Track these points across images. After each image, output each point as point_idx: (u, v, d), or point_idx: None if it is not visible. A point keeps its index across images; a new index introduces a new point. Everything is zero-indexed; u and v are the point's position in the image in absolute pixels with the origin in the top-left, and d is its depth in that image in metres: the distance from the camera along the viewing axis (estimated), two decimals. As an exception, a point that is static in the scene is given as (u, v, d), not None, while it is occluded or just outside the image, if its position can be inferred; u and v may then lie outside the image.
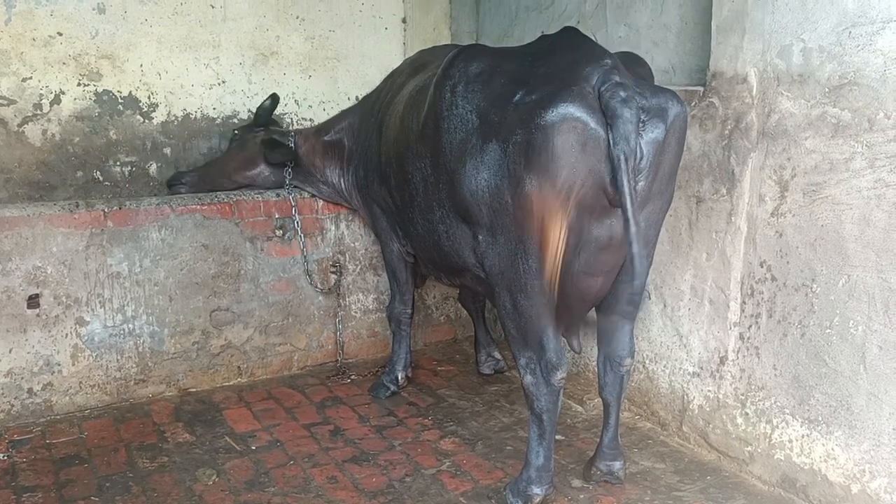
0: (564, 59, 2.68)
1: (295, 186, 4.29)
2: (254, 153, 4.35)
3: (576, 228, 2.64)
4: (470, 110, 2.81)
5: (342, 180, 4.21)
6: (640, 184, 2.63)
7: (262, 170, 4.36)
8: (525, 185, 2.59)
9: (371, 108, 3.99)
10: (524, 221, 2.65)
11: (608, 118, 2.50)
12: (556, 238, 2.63)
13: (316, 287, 4.33)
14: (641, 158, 2.59)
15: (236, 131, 4.51)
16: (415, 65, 3.85)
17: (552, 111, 2.51)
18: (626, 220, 2.51)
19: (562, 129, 2.50)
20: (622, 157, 2.48)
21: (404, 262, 3.95)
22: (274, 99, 4.42)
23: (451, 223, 3.06)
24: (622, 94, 2.50)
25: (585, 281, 2.79)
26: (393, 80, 3.90)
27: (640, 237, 2.52)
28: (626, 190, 2.48)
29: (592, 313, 3.11)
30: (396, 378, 4.08)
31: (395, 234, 3.86)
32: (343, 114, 4.32)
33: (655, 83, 3.02)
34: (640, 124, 2.56)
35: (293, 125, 4.91)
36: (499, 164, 2.69)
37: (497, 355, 4.34)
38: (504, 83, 2.75)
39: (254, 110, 4.79)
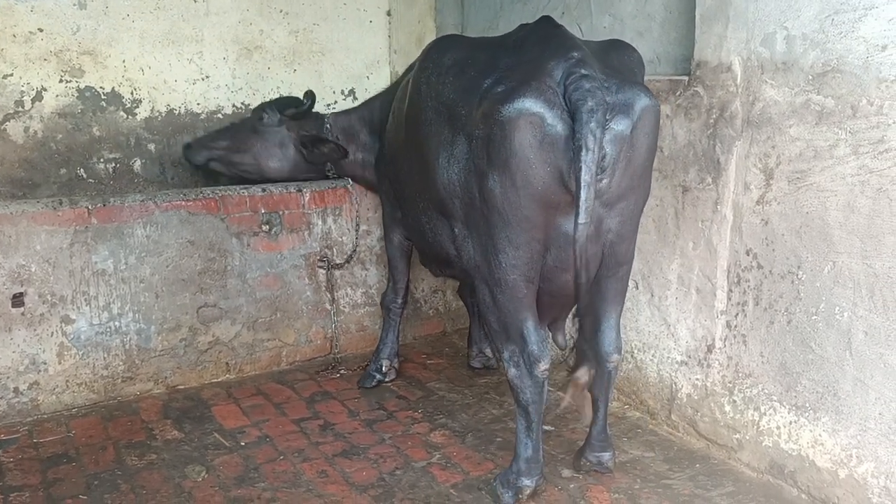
0: (533, 52, 2.65)
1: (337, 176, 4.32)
2: (286, 148, 4.27)
3: (541, 224, 2.62)
4: (442, 102, 2.81)
5: (374, 174, 4.19)
6: (604, 181, 2.59)
7: (296, 164, 4.30)
8: (488, 181, 2.58)
9: (390, 100, 3.97)
10: (490, 217, 2.63)
11: (571, 109, 2.47)
12: (522, 233, 2.60)
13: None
14: (605, 155, 2.54)
15: (263, 116, 4.28)
16: None
17: (509, 106, 2.48)
18: (577, 214, 2.44)
19: (519, 125, 2.48)
20: (582, 148, 2.42)
21: (401, 252, 3.97)
22: (312, 99, 4.27)
23: (432, 215, 3.07)
24: (585, 85, 2.46)
25: (561, 276, 2.76)
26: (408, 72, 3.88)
27: (585, 229, 2.45)
28: (583, 178, 2.42)
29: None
30: (381, 367, 4.08)
31: (396, 224, 3.88)
32: (370, 105, 4.26)
33: (644, 72, 3.02)
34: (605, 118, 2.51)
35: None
36: (466, 159, 2.69)
37: (488, 353, 4.34)
38: (473, 75, 2.73)
39: (238, 105, 4.77)
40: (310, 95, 4.25)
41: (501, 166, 2.53)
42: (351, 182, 4.39)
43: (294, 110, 4.24)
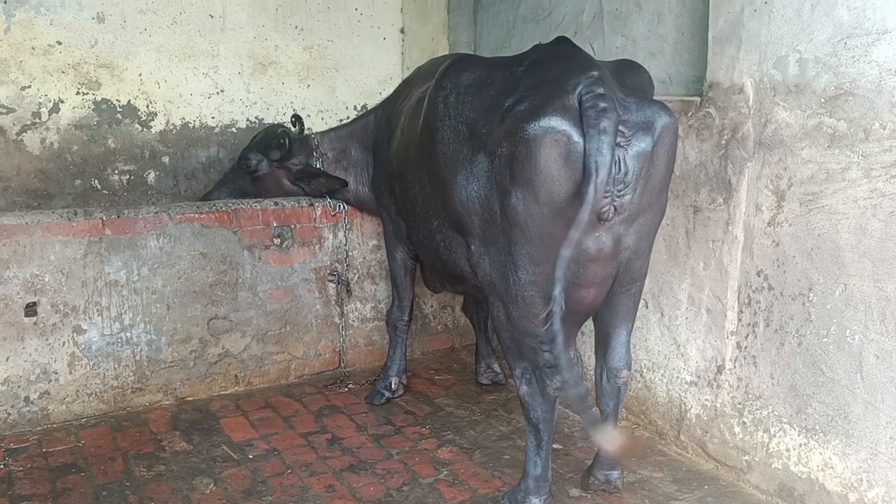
0: (553, 71, 2.68)
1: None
2: (283, 186, 4.31)
3: (561, 240, 2.63)
4: (461, 121, 2.82)
5: (367, 191, 4.21)
6: (626, 197, 2.60)
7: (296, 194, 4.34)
8: (511, 198, 2.60)
9: (388, 117, 4.00)
10: (511, 233, 2.65)
11: (584, 127, 2.48)
12: (543, 249, 2.62)
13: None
14: (627, 172, 2.57)
15: (251, 163, 4.27)
16: (429, 73, 3.87)
17: (535, 124, 2.50)
18: (575, 224, 2.42)
19: (545, 143, 2.49)
20: (592, 168, 2.43)
21: (405, 269, 3.99)
22: (289, 140, 4.23)
23: (447, 233, 3.08)
24: (601, 104, 2.47)
25: (576, 292, 2.77)
26: (410, 89, 3.88)
27: (571, 245, 2.43)
28: (588, 200, 2.42)
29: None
30: (390, 384, 4.09)
31: (399, 242, 3.89)
32: (361, 120, 4.29)
33: (654, 92, 3.05)
34: (624, 137, 2.54)
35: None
36: (487, 176, 2.71)
37: (496, 368, 4.34)
38: (493, 94, 2.75)
39: (252, 119, 4.81)
40: (286, 135, 4.20)
41: (525, 183, 2.55)
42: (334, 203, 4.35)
43: (279, 153, 4.22)
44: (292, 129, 4.35)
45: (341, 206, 4.35)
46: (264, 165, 4.28)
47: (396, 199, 3.71)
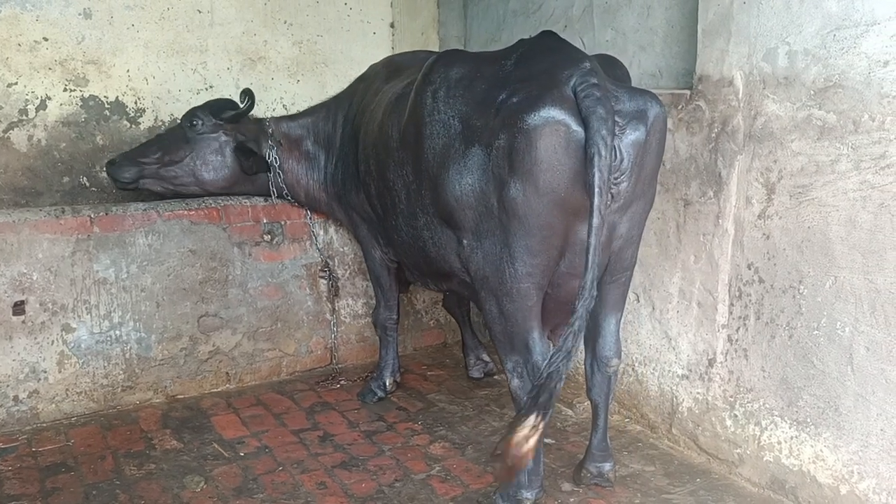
0: (543, 63, 2.70)
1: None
2: (225, 156, 4.04)
3: (560, 230, 2.65)
4: (452, 115, 2.82)
5: (318, 189, 4.15)
6: (623, 185, 2.64)
7: (237, 173, 4.08)
8: (510, 189, 2.61)
9: (345, 114, 3.96)
10: (509, 225, 2.65)
11: (583, 117, 2.51)
12: (542, 240, 2.63)
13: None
14: (623, 160, 2.61)
15: (195, 122, 4.00)
16: (388, 69, 3.84)
17: (534, 114, 2.52)
18: (591, 212, 2.47)
19: (545, 133, 2.52)
20: (595, 154, 2.46)
21: (387, 268, 3.95)
22: (251, 98, 4.05)
23: (435, 229, 3.06)
24: (597, 93, 2.52)
25: (571, 282, 2.79)
26: (367, 86, 3.86)
27: (599, 232, 2.48)
28: (596, 184, 2.46)
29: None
30: (384, 383, 4.07)
31: (376, 241, 3.86)
32: (314, 115, 4.17)
33: (642, 87, 3.06)
34: (619, 126, 2.58)
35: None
36: (482, 169, 2.71)
37: (486, 358, 4.34)
38: (485, 87, 2.76)
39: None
40: (248, 94, 4.02)
41: (525, 174, 2.56)
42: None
43: (231, 113, 4.01)
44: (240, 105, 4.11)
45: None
46: (208, 126, 4.00)
47: (370, 198, 3.64)
